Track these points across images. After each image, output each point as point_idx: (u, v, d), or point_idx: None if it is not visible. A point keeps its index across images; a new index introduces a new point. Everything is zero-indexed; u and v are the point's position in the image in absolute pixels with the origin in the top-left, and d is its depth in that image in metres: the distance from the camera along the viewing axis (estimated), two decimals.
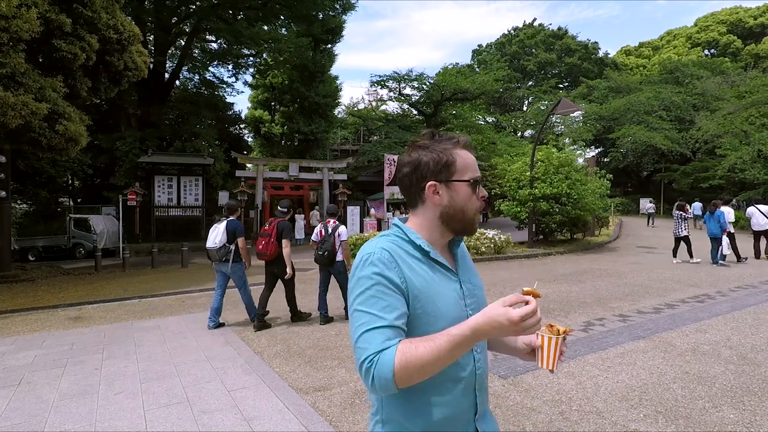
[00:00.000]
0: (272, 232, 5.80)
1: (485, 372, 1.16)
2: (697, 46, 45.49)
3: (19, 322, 6.39)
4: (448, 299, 1.09)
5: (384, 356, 0.94)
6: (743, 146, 21.95)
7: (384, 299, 1.01)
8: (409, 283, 1.04)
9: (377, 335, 0.97)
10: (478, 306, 1.13)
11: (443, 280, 1.11)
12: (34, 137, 8.97)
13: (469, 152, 1.16)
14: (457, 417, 1.08)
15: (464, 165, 1.12)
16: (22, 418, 3.29)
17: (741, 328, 5.31)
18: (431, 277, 1.09)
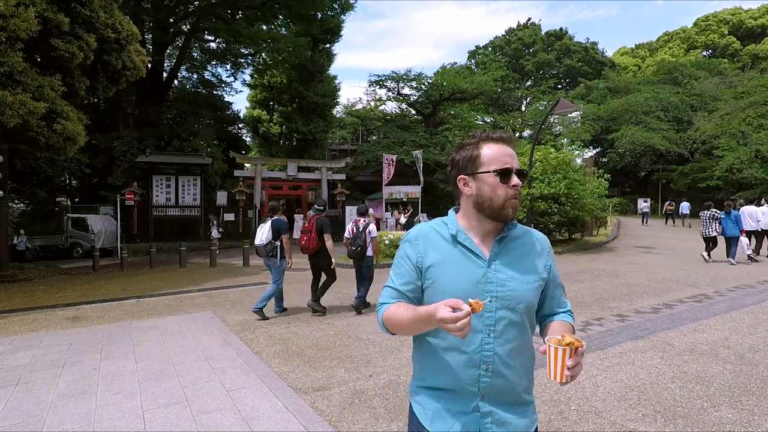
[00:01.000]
0: (312, 228, 6.32)
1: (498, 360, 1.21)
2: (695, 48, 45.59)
3: (17, 322, 6.37)
4: (461, 279, 1.22)
5: (382, 308, 1.29)
6: (741, 147, 22.03)
7: (400, 268, 1.31)
8: (426, 258, 1.27)
9: (387, 292, 1.31)
10: (506, 297, 1.22)
11: (464, 262, 1.24)
12: (32, 136, 8.94)
13: (499, 144, 1.27)
14: (459, 386, 1.22)
15: (489, 158, 1.25)
16: (21, 418, 3.28)
17: (739, 327, 5.33)
18: (451, 256, 1.26)
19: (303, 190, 22.97)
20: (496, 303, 1.21)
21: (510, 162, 1.24)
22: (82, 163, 18.95)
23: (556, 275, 1.34)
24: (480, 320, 1.20)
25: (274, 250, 6.39)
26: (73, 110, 9.61)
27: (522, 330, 1.24)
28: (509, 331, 1.21)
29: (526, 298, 1.23)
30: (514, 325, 1.22)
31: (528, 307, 1.24)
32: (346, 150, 30.61)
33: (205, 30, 20.89)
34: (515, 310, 1.22)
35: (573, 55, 45.08)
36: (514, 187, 1.23)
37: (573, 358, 1.07)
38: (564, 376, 1.06)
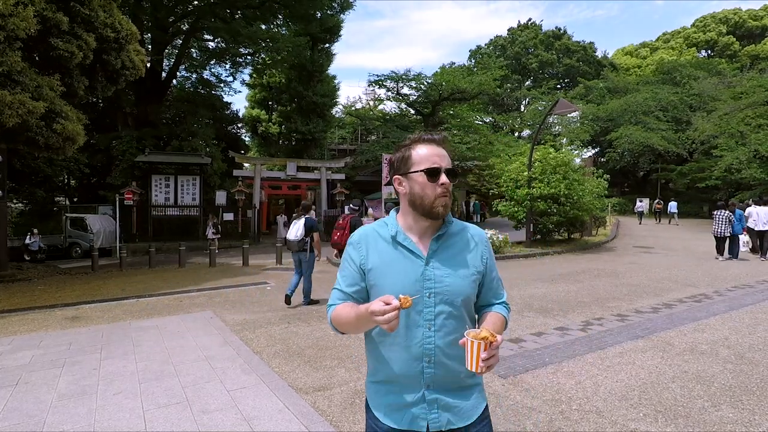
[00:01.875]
0: (346, 226, 7.07)
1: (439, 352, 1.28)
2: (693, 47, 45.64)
3: (16, 321, 6.35)
4: (401, 278, 1.30)
5: (330, 309, 1.39)
6: (739, 147, 22.05)
7: (345, 271, 1.39)
8: (368, 260, 1.35)
9: (335, 293, 1.39)
10: (444, 292, 1.29)
11: (403, 262, 1.31)
12: (31, 136, 8.91)
13: (430, 145, 1.34)
14: (406, 378, 1.30)
15: (420, 158, 1.32)
16: (20, 418, 3.26)
17: (739, 327, 5.34)
18: (390, 257, 1.33)
19: (302, 189, 22.96)
20: (434, 298, 1.29)
21: (438, 161, 1.31)
22: (80, 162, 18.92)
23: (492, 267, 1.41)
24: (420, 316, 1.28)
25: (305, 245, 6.93)
26: (72, 110, 9.58)
27: (461, 322, 1.32)
28: (448, 324, 1.29)
29: (463, 292, 1.31)
30: (453, 318, 1.30)
31: (465, 300, 1.32)
32: (346, 150, 30.60)
33: (204, 29, 20.86)
34: (453, 304, 1.30)
35: (572, 55, 45.13)
36: (443, 185, 1.29)
37: (488, 351, 1.15)
38: (479, 367, 1.15)
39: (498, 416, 3.20)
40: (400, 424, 1.31)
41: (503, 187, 15.02)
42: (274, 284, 8.96)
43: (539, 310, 6.29)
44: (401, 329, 1.30)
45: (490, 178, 22.88)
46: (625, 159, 31.73)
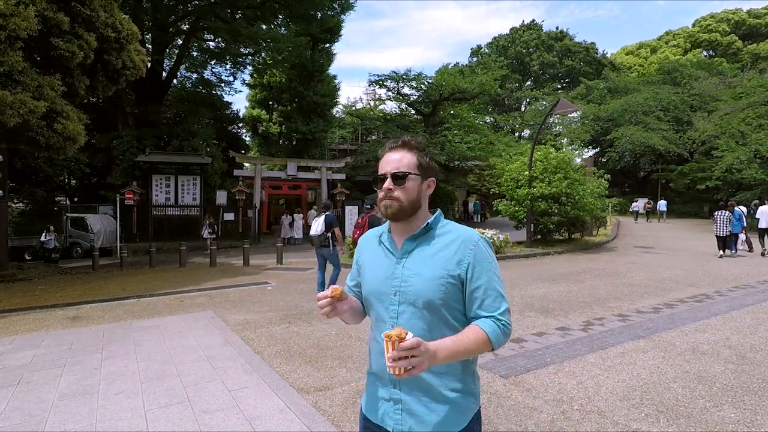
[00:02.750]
0: (365, 224, 7.30)
1: None
2: (697, 47, 45.58)
3: (17, 321, 6.35)
4: (377, 275, 1.38)
5: None
6: (740, 147, 22.03)
7: (351, 269, 1.58)
8: (360, 259, 1.50)
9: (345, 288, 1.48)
10: (407, 291, 1.30)
11: (382, 260, 1.39)
12: (32, 136, 8.92)
13: (386, 154, 1.39)
14: (380, 371, 1.34)
15: (379, 166, 1.40)
16: (22, 418, 3.27)
17: (740, 327, 5.34)
18: (375, 255, 1.43)
19: (302, 189, 22.95)
20: (399, 297, 1.30)
21: (384, 167, 1.36)
22: (81, 162, 18.94)
23: (479, 275, 1.27)
24: (386, 312, 1.32)
25: (326, 240, 7.33)
26: (73, 110, 9.59)
27: (429, 325, 1.27)
28: (413, 325, 1.26)
29: (424, 294, 1.27)
30: (417, 319, 1.28)
31: (428, 303, 1.27)
32: (346, 150, 30.58)
33: (204, 29, 20.85)
34: (415, 305, 1.28)
35: (574, 56, 45.10)
36: (383, 190, 1.34)
37: (394, 350, 1.07)
38: (388, 367, 1.10)
39: (500, 416, 3.20)
40: (374, 417, 1.34)
41: (504, 186, 15.02)
42: (275, 284, 8.97)
43: (540, 310, 6.29)
44: (373, 323, 1.40)
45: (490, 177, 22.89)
46: (626, 159, 31.71)
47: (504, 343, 1.29)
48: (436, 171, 1.44)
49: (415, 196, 1.35)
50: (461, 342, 1.21)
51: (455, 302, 1.30)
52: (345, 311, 1.39)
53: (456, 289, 1.28)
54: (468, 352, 1.23)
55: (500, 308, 1.28)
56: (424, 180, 1.38)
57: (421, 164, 1.37)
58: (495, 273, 1.31)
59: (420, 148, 1.39)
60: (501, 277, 1.34)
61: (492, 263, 1.31)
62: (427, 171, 1.39)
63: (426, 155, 1.40)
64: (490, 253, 1.33)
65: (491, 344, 1.24)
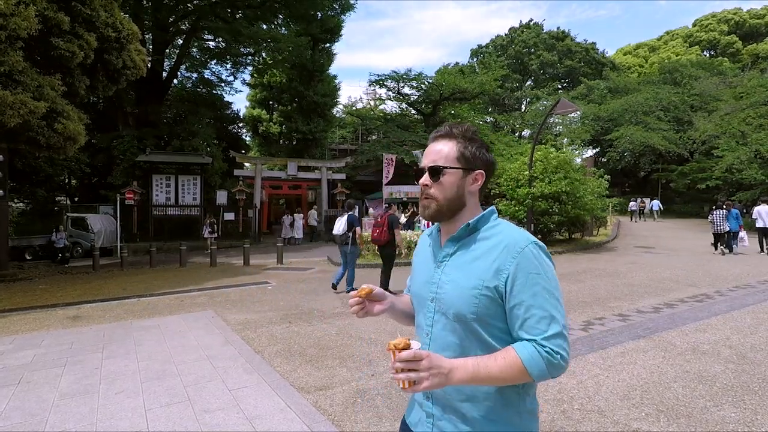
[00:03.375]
0: (384, 223, 7.54)
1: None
2: (695, 45, 45.59)
3: (18, 321, 6.36)
4: (420, 276, 1.27)
5: None
6: (740, 147, 22.01)
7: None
8: (415, 257, 1.37)
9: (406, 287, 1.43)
10: (440, 299, 1.17)
11: (427, 261, 1.27)
12: (32, 136, 8.93)
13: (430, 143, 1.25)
14: None
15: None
16: (23, 417, 3.27)
17: (740, 327, 5.34)
18: (424, 256, 1.31)
19: (303, 189, 22.96)
20: (434, 304, 1.18)
21: (423, 161, 1.22)
22: (81, 162, 18.93)
23: (520, 289, 1.06)
24: (424, 319, 1.21)
25: (347, 238, 7.71)
26: (73, 110, 9.59)
27: (462, 341, 1.12)
28: (444, 337, 1.15)
29: (456, 305, 1.12)
30: (448, 331, 1.14)
31: (458, 315, 1.11)
32: (346, 149, 30.60)
33: (204, 29, 20.86)
34: (447, 316, 1.14)
35: (574, 56, 45.08)
36: (420, 186, 1.20)
37: (395, 361, 0.98)
38: (395, 378, 0.99)
39: None
40: (410, 422, 1.26)
41: (504, 186, 15.01)
42: (275, 284, 8.97)
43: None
44: (416, 328, 1.28)
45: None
46: (626, 159, 31.71)
47: (551, 375, 1.04)
48: (486, 162, 1.22)
49: (454, 193, 1.18)
50: (486, 366, 1.03)
51: (493, 318, 1.10)
52: (382, 312, 1.29)
53: (494, 303, 1.09)
54: (494, 379, 1.04)
55: (546, 332, 1.04)
56: (468, 173, 1.19)
57: (463, 155, 1.19)
58: (545, 287, 1.07)
59: (465, 136, 1.21)
60: (556, 294, 1.09)
61: (541, 275, 1.08)
62: (472, 162, 1.19)
63: (472, 144, 1.20)
64: (540, 263, 1.09)
65: (528, 373, 1.02)
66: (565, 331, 1.06)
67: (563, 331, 1.05)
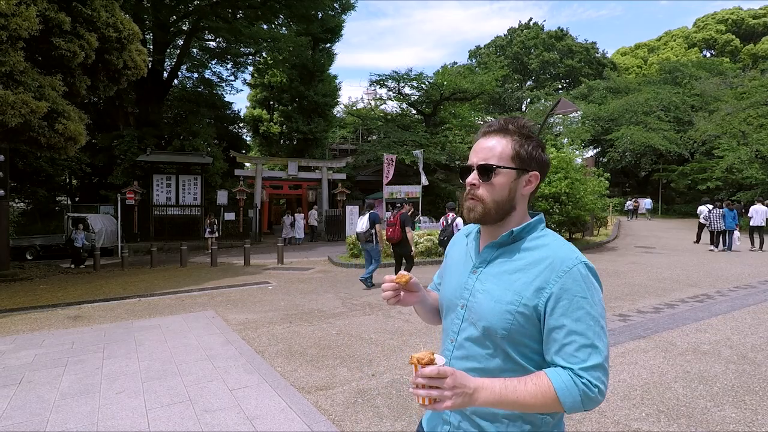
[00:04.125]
0: (396, 222, 7.84)
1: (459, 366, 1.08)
2: (694, 47, 45.61)
3: (19, 321, 6.37)
4: (453, 279, 1.19)
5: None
6: (741, 147, 22.00)
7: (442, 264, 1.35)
8: (447, 257, 1.30)
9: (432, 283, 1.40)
10: (471, 308, 1.08)
11: (462, 263, 1.19)
12: (33, 136, 8.94)
13: (478, 139, 1.15)
14: None
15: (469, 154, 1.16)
16: (24, 417, 3.28)
17: (741, 327, 5.33)
18: (459, 256, 1.23)
19: (303, 189, 22.97)
20: (464, 312, 1.10)
21: (471, 157, 1.11)
22: (82, 162, 18.95)
23: (562, 312, 0.97)
24: (452, 324, 1.14)
25: (371, 236, 8.02)
26: (74, 110, 9.60)
27: (487, 352, 1.05)
28: (470, 347, 1.08)
29: (488, 319, 1.03)
30: (474, 342, 1.07)
31: (488, 328, 1.03)
32: (347, 149, 30.61)
33: (205, 29, 20.86)
34: (476, 327, 1.06)
35: (574, 56, 45.09)
36: (468, 185, 1.10)
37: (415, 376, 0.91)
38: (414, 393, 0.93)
39: None
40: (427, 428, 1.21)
41: None
42: (276, 284, 8.97)
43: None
44: (442, 331, 1.22)
45: None
46: (626, 159, 31.68)
47: (585, 408, 0.96)
48: (542, 163, 1.10)
49: (504, 196, 1.08)
50: (515, 389, 0.95)
51: (527, 338, 1.02)
52: (414, 303, 1.24)
53: (529, 322, 1.00)
54: (522, 405, 0.96)
55: (586, 361, 0.95)
56: (522, 175, 1.08)
57: (519, 154, 1.08)
58: (590, 313, 0.97)
59: (522, 133, 1.09)
60: (602, 322, 0.99)
61: (588, 299, 0.98)
62: (527, 163, 1.08)
63: (530, 142, 1.09)
64: (588, 286, 0.99)
65: (560, 403, 0.94)
66: (606, 363, 0.96)
67: (604, 363, 0.96)
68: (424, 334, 5.21)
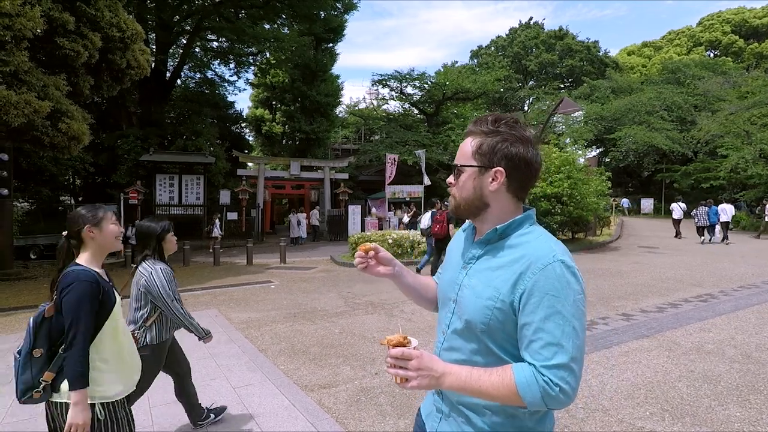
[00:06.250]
0: (444, 219, 8.82)
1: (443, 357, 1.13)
2: (699, 46, 45.46)
3: (23, 319, 6.39)
4: (447, 274, 1.23)
5: None
6: (745, 146, 21.93)
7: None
8: (449, 249, 1.32)
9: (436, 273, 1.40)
10: (459, 302, 1.11)
11: (457, 258, 1.22)
12: (36, 135, 8.97)
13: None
14: None
15: None
16: (29, 414, 3.29)
17: (745, 327, 5.31)
18: (455, 253, 1.25)
19: (305, 189, 22.99)
20: (454, 306, 1.13)
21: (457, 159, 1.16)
22: (86, 161, 18.98)
23: (533, 308, 0.97)
24: (444, 317, 1.18)
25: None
26: (77, 109, 9.63)
27: (473, 347, 1.07)
28: (456, 340, 1.11)
29: (470, 313, 1.06)
30: (461, 336, 1.09)
31: (471, 323, 1.05)
32: (349, 149, 30.65)
33: (208, 29, 20.90)
34: (461, 320, 1.09)
35: (575, 55, 44.96)
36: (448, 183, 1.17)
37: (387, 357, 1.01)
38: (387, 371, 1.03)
39: None
40: (423, 413, 1.26)
41: None
42: (278, 283, 8.98)
43: None
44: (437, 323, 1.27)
45: None
46: (629, 159, 31.62)
47: (548, 406, 0.96)
48: (509, 157, 1.06)
49: (470, 193, 1.10)
50: (479, 379, 0.99)
51: (505, 333, 1.03)
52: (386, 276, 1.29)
53: (507, 318, 1.02)
54: (484, 395, 0.99)
55: (550, 360, 0.94)
56: (485, 171, 1.08)
57: (479, 150, 1.08)
58: (560, 312, 0.96)
59: (486, 131, 1.08)
60: (573, 322, 0.96)
61: (559, 298, 0.97)
62: (488, 159, 1.07)
63: (493, 137, 1.07)
64: (562, 285, 0.98)
65: (520, 398, 0.95)
66: (573, 364, 0.94)
67: (570, 363, 0.94)
68: (427, 333, 5.20)
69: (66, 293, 1.75)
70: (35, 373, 1.73)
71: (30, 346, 1.75)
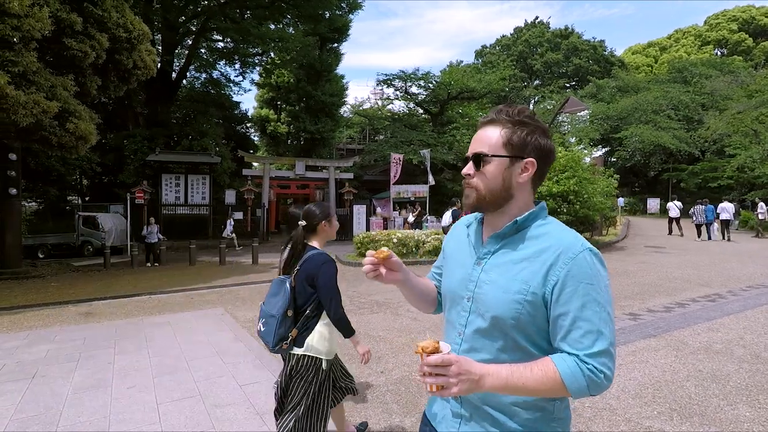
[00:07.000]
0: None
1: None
2: (707, 45, 45.08)
3: (31, 317, 6.46)
4: (456, 272, 1.17)
5: None
6: (753, 145, 21.73)
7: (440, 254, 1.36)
8: (446, 248, 1.30)
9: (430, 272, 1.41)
10: (477, 299, 1.08)
11: (464, 256, 1.18)
12: (44, 135, 9.05)
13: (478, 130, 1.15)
14: None
15: None
16: (38, 409, 3.32)
17: (753, 327, 5.26)
18: (459, 248, 1.22)
19: (310, 189, 23.03)
20: (471, 304, 1.10)
21: (469, 149, 1.13)
22: (93, 161, 19.14)
23: (568, 298, 0.98)
24: (458, 317, 1.13)
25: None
26: (85, 109, 9.71)
27: (500, 344, 1.05)
28: (478, 340, 1.07)
29: (496, 309, 1.03)
30: (482, 334, 1.07)
31: (497, 319, 1.03)
32: (354, 149, 30.64)
33: (213, 30, 21.00)
34: (483, 318, 1.06)
35: (581, 54, 44.73)
36: (463, 175, 1.12)
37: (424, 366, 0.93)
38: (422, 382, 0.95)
39: None
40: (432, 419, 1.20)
41: None
42: None
43: None
44: (445, 323, 1.21)
45: None
46: (636, 158, 31.42)
47: (591, 393, 0.97)
48: (539, 149, 1.08)
49: (498, 184, 1.07)
50: (522, 375, 0.97)
51: (535, 326, 1.03)
52: (395, 282, 1.21)
53: (538, 311, 1.01)
54: (528, 391, 0.97)
55: (591, 347, 0.96)
56: (516, 162, 1.07)
57: (510, 141, 1.07)
58: (596, 300, 0.98)
59: (513, 120, 1.08)
60: (608, 308, 0.99)
61: (594, 286, 0.98)
62: (520, 149, 1.07)
63: (523, 128, 1.08)
64: (594, 273, 1.00)
65: (566, 389, 0.95)
66: (612, 348, 0.97)
67: (610, 348, 0.97)
68: (432, 332, 5.18)
69: (323, 271, 2.27)
70: (286, 329, 2.24)
71: (286, 307, 2.24)
